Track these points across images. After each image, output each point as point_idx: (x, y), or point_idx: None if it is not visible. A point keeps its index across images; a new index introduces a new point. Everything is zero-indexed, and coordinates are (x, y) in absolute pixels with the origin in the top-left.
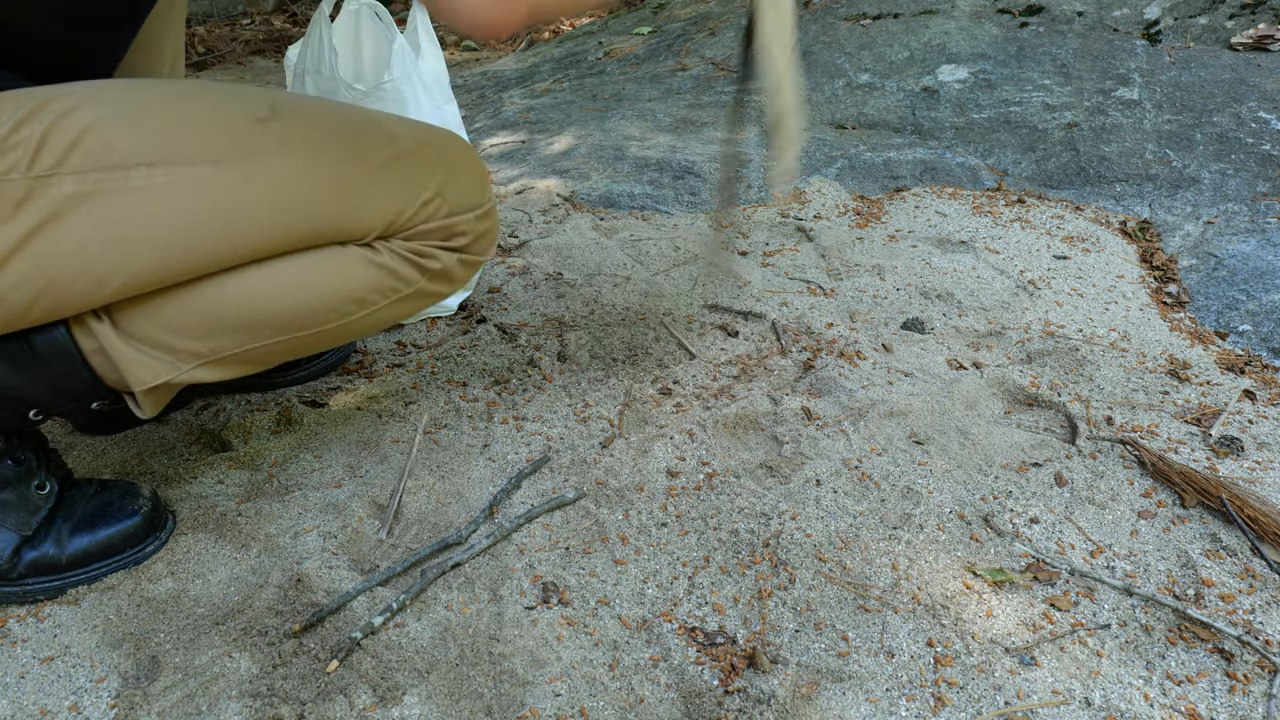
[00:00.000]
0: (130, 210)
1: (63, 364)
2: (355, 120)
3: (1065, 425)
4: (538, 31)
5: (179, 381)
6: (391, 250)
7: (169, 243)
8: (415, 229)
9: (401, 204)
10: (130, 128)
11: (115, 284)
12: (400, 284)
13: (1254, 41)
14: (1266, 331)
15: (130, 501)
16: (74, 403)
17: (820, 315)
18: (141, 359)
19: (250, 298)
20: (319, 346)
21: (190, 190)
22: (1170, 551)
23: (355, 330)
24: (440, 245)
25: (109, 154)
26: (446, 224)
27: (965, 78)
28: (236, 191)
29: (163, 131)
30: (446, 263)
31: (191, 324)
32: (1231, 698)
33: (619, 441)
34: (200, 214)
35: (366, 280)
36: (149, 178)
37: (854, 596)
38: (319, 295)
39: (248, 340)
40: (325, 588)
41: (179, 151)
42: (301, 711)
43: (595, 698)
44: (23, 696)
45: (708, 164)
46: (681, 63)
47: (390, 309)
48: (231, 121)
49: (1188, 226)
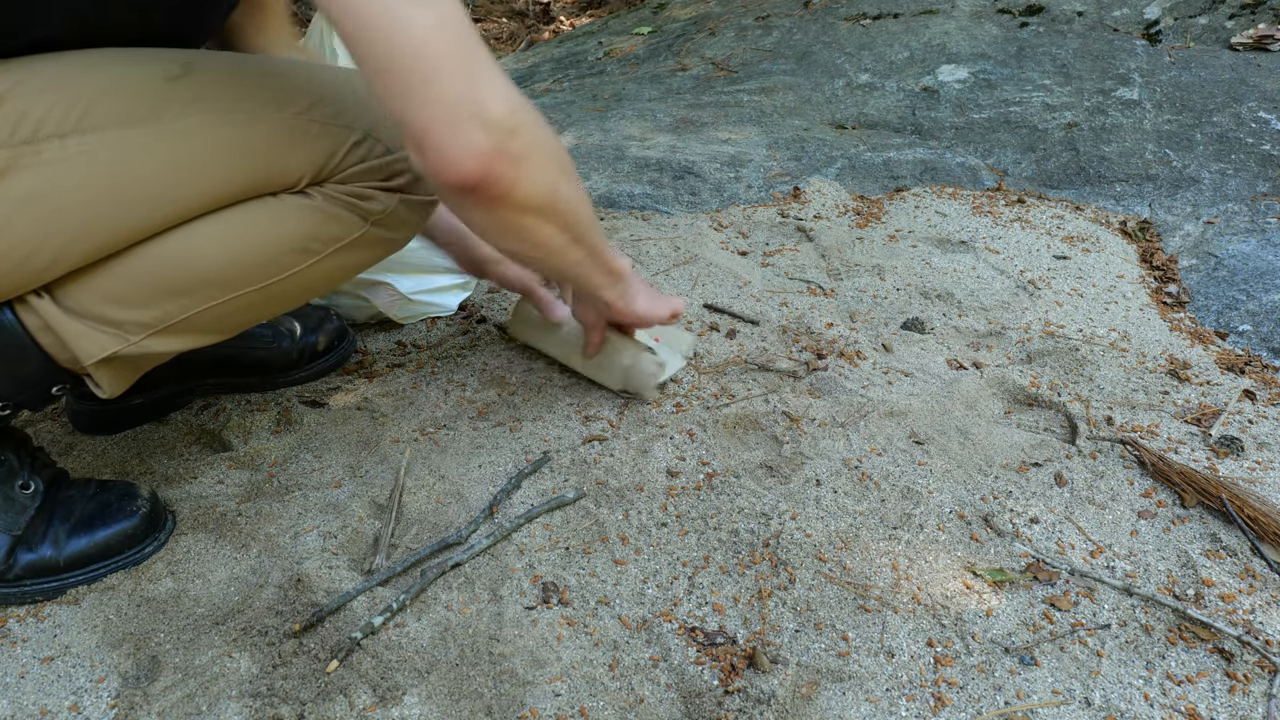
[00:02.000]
0: (48, 185)
1: (10, 345)
2: (274, 69)
3: (1065, 425)
4: (537, 31)
5: (130, 354)
6: (325, 195)
7: (91, 214)
8: (348, 171)
9: (330, 146)
10: (38, 100)
11: (41, 261)
12: (340, 229)
13: (1254, 41)
14: (1266, 331)
15: (129, 502)
16: (33, 388)
17: (820, 315)
18: (87, 332)
19: (184, 258)
20: (274, 307)
21: (105, 158)
22: (1170, 551)
23: (307, 284)
24: (379, 185)
25: (19, 129)
26: (382, 163)
27: (965, 78)
28: (152, 153)
29: (73, 101)
30: (388, 204)
31: (130, 292)
32: (1231, 698)
33: (619, 441)
34: (118, 181)
35: (302, 226)
36: (62, 149)
37: (854, 596)
38: (255, 247)
39: (191, 304)
40: (325, 588)
41: (90, 119)
42: (301, 711)
43: (595, 698)
44: (23, 696)
45: (708, 164)
46: (681, 63)
47: (337, 258)
48: (143, 83)
49: (1188, 226)
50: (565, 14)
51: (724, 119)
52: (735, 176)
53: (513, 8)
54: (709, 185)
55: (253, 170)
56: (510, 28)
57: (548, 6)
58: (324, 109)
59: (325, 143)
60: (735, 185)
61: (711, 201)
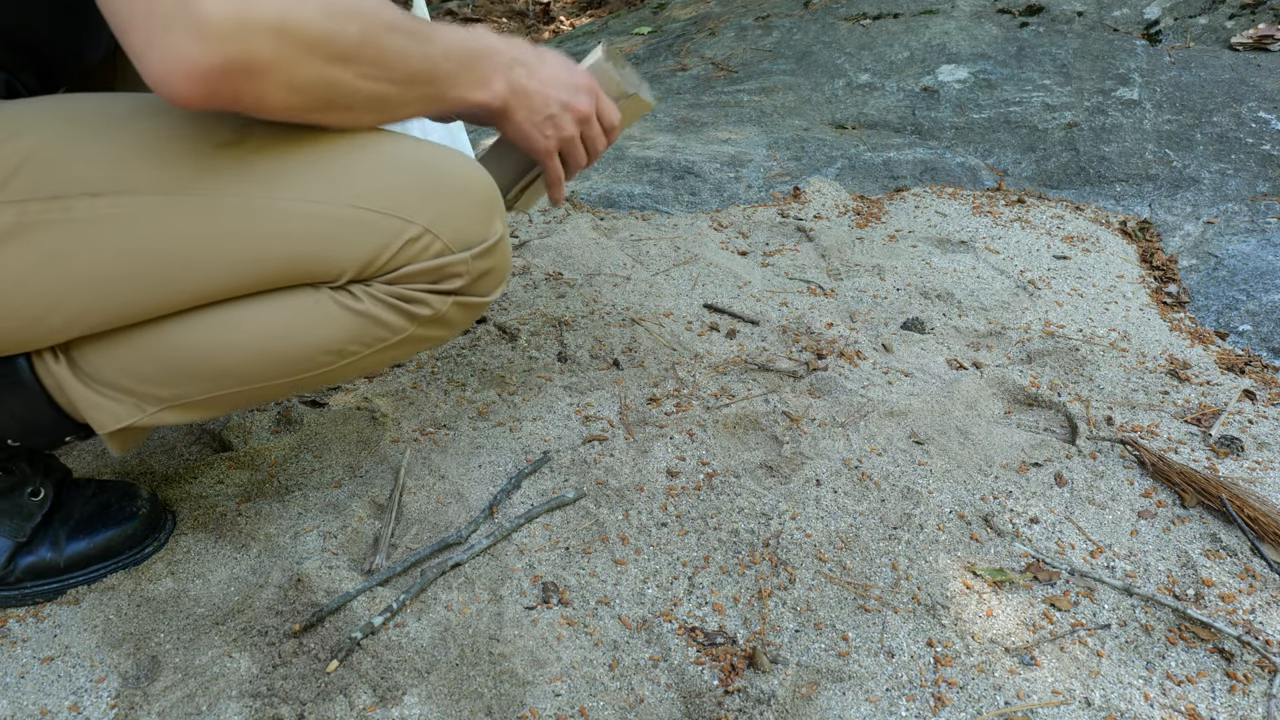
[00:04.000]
0: (72, 244)
1: (24, 398)
2: (335, 143)
3: (1065, 425)
4: (537, 32)
5: (146, 425)
6: (372, 295)
7: (114, 281)
8: (398, 271)
9: (381, 241)
10: (76, 153)
11: (55, 322)
12: (385, 332)
13: (1254, 41)
14: (1266, 331)
15: (128, 504)
16: (44, 436)
17: (820, 315)
18: (101, 402)
19: (211, 346)
20: (302, 391)
21: (137, 223)
22: (1170, 551)
23: (340, 376)
24: (430, 289)
25: (50, 182)
26: (437, 265)
27: (965, 78)
28: (190, 226)
29: (111, 157)
30: (439, 308)
31: (151, 369)
32: (1231, 698)
33: (619, 441)
34: (148, 250)
35: (343, 330)
36: (93, 209)
37: (854, 596)
38: (288, 345)
39: (212, 388)
40: (325, 588)
41: (127, 180)
42: (301, 711)
43: (595, 698)
44: (23, 696)
45: (708, 164)
46: (681, 63)
47: (377, 356)
48: (188, 146)
49: (1188, 226)
50: (565, 14)
51: (724, 119)
52: (735, 176)
53: (513, 8)
54: (709, 185)
55: (293, 259)
56: (510, 28)
57: (548, 6)
58: (382, 197)
59: (377, 237)
60: (735, 185)
61: (711, 201)
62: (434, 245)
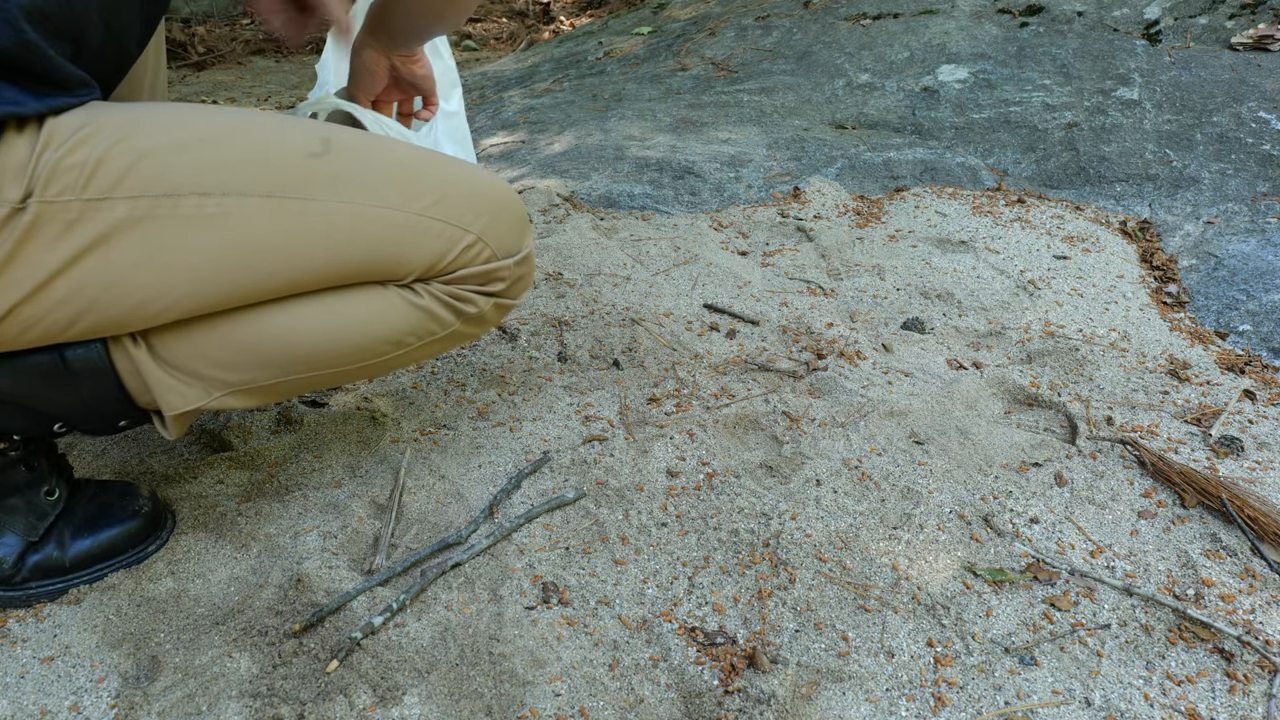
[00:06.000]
0: (179, 238)
1: (96, 381)
2: (406, 160)
3: (1065, 425)
4: (537, 31)
5: (210, 408)
6: (431, 293)
7: (214, 272)
8: (456, 273)
9: (445, 247)
10: (185, 156)
11: (156, 308)
12: (437, 327)
13: (1254, 41)
14: (1266, 331)
15: (130, 502)
16: (101, 420)
17: (820, 315)
18: (174, 385)
19: (288, 334)
20: (346, 381)
21: (240, 222)
22: (1170, 551)
23: (384, 369)
24: (478, 290)
25: (162, 181)
26: (487, 269)
27: (965, 78)
28: (285, 226)
29: (217, 162)
30: (483, 307)
31: (227, 355)
32: (1231, 698)
33: (619, 441)
34: (248, 246)
35: (405, 322)
36: (200, 207)
37: (854, 596)
38: (357, 335)
39: (280, 374)
40: (325, 588)
41: (231, 182)
42: (301, 711)
43: (595, 698)
44: (23, 696)
45: (708, 164)
46: (681, 63)
47: (422, 350)
48: (285, 155)
49: (1188, 226)
50: (565, 14)
51: (724, 119)
52: (735, 176)
53: (513, 8)
54: (709, 185)
55: (373, 259)
56: (510, 28)
57: (548, 6)
58: (446, 207)
59: (441, 243)
60: (735, 185)
61: (711, 201)
62: (484, 252)
